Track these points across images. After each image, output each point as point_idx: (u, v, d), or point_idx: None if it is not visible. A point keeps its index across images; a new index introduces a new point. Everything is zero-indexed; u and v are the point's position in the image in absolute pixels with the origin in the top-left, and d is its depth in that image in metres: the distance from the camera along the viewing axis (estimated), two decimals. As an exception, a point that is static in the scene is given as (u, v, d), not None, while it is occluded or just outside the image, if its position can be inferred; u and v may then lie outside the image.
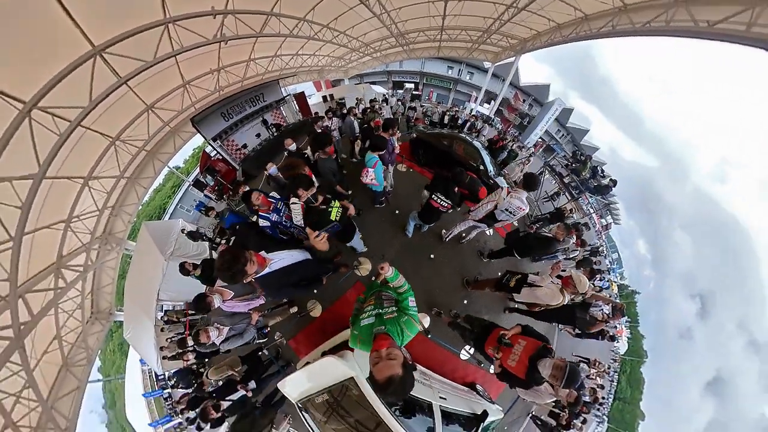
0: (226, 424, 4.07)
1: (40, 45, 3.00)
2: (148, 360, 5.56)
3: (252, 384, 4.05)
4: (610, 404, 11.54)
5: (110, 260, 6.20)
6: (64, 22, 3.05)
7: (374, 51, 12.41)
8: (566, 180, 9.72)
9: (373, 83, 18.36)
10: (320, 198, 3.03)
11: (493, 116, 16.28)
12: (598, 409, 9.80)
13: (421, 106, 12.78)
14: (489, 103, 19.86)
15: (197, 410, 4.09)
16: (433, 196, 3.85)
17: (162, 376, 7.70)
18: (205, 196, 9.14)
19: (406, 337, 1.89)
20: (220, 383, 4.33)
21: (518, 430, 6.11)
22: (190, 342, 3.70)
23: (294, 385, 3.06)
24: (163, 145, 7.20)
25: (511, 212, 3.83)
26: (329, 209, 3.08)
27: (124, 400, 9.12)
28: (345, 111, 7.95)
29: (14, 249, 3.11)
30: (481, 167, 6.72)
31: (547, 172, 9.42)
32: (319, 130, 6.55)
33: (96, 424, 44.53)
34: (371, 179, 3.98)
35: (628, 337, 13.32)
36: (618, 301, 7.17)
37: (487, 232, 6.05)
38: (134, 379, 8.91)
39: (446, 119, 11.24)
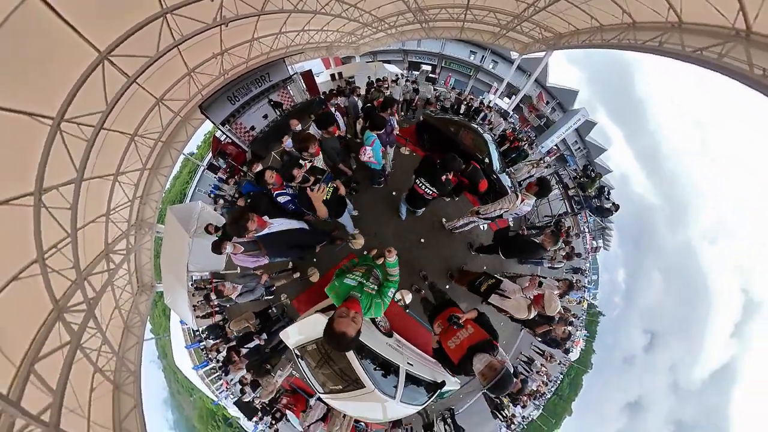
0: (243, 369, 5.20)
1: (48, 58, 3.08)
2: (185, 319, 6.39)
3: (264, 335, 5.02)
4: (548, 398, 13.04)
5: (146, 242, 6.84)
6: (65, 32, 3.13)
7: (389, 27, 11.20)
8: (570, 193, 9.31)
9: (387, 62, 16.54)
10: (311, 179, 3.25)
11: (511, 112, 14.76)
12: (540, 399, 10.80)
13: (435, 89, 11.74)
14: (509, 98, 17.32)
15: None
16: (418, 180, 3.61)
17: (197, 332, 8.78)
18: (219, 179, 9.65)
19: (369, 314, 2.09)
20: (240, 334, 5.35)
21: (471, 400, 7.32)
22: (213, 297, 4.57)
23: (291, 335, 3.73)
24: (176, 135, 7.50)
25: (517, 214, 3.94)
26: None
27: (172, 352, 10.96)
28: (350, 89, 7.75)
29: (73, 243, 3.81)
30: (487, 161, 6.37)
31: (555, 181, 9.04)
32: (333, 108, 6.48)
33: (155, 370, 55.33)
34: (369, 157, 4.02)
35: (582, 348, 14.22)
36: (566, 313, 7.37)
37: (481, 227, 5.96)
38: (177, 336, 10.46)
39: (462, 108, 10.16)
